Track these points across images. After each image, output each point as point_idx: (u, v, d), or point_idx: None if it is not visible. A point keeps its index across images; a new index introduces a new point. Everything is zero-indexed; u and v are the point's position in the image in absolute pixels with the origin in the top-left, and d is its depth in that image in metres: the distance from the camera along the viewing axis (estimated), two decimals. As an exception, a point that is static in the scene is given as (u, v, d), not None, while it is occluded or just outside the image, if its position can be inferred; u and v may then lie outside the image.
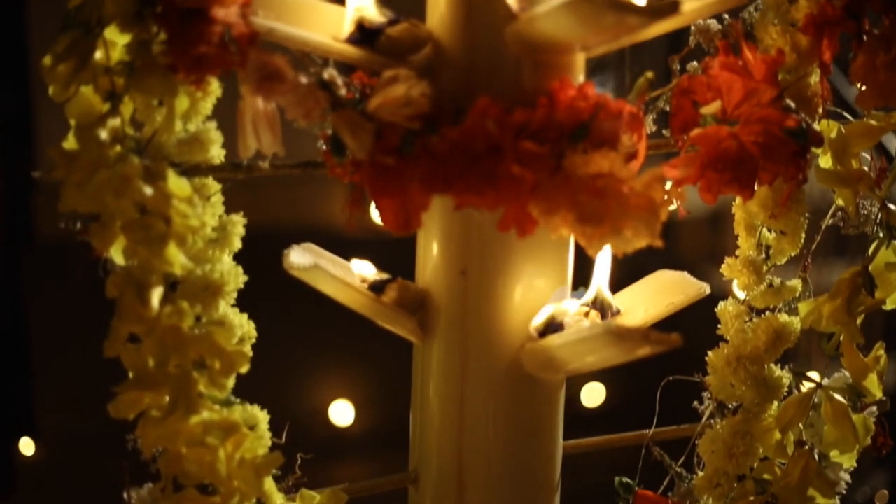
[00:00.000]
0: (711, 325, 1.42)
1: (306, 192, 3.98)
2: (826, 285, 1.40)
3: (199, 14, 1.13)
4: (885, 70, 1.26)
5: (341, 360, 3.92)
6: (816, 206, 1.40)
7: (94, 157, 1.16)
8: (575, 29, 1.12)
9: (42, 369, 4.20)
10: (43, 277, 4.12)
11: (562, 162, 1.13)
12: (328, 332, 3.34)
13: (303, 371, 4.00)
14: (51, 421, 4.18)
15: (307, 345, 3.84)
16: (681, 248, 4.34)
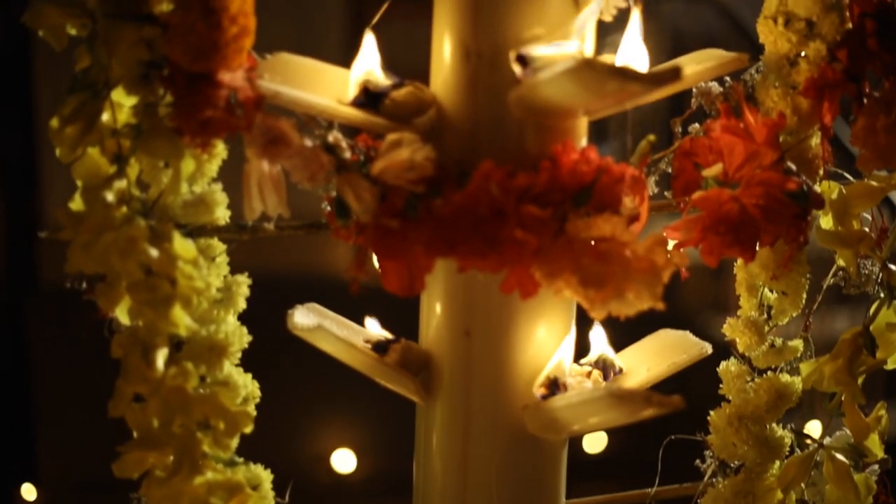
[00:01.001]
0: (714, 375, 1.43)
1: (311, 239, 3.99)
2: (828, 332, 1.41)
3: (206, 78, 1.15)
4: (885, 133, 1.27)
5: (343, 407, 3.92)
6: (818, 255, 1.40)
7: (101, 219, 1.17)
8: (578, 95, 1.13)
9: (45, 415, 4.20)
10: (46, 324, 4.12)
11: (564, 225, 1.14)
12: (331, 378, 3.34)
13: (305, 418, 4.00)
14: (53, 467, 4.17)
15: (309, 391, 3.84)
16: (683, 296, 4.34)
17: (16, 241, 4.47)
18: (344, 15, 4.65)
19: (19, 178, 4.42)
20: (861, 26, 1.29)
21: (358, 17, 4.67)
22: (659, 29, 4.82)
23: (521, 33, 1.18)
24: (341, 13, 4.63)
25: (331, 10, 4.62)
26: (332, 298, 1.35)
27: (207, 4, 1.13)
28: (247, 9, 1.15)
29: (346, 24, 4.62)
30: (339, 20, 4.63)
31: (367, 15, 3.83)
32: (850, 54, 1.29)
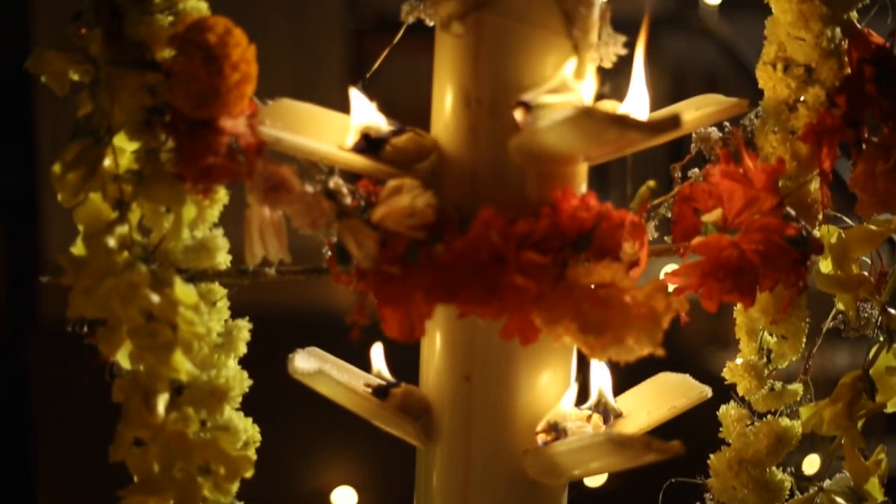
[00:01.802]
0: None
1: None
2: (829, 366, 1.41)
3: (208, 124, 1.15)
4: (884, 179, 1.28)
5: (344, 444, 3.92)
6: (817, 293, 1.40)
7: (102, 265, 1.18)
8: (578, 143, 1.14)
9: (45, 458, 4.20)
10: (46, 358, 4.12)
11: (565, 272, 1.15)
12: (331, 415, 3.34)
13: (305, 455, 4.00)
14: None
15: (310, 429, 3.84)
16: (684, 332, 4.34)
17: (17, 276, 4.48)
18: (344, 55, 4.67)
19: (20, 213, 4.43)
20: (859, 72, 1.30)
21: (358, 57, 4.69)
22: (661, 65, 4.84)
23: (521, 80, 1.18)
24: (342, 54, 4.65)
25: (331, 51, 4.64)
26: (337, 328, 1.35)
27: (209, 52, 1.14)
28: (248, 56, 1.16)
29: (346, 64, 4.64)
30: (340, 61, 4.65)
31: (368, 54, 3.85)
32: (849, 100, 1.30)
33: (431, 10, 1.22)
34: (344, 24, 4.68)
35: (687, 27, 5.19)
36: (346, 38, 4.67)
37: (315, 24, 4.57)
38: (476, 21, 1.18)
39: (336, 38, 4.62)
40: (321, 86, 4.49)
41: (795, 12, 1.29)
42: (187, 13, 1.20)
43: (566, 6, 1.18)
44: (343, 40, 4.66)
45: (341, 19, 4.67)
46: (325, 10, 4.59)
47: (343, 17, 4.68)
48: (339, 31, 4.62)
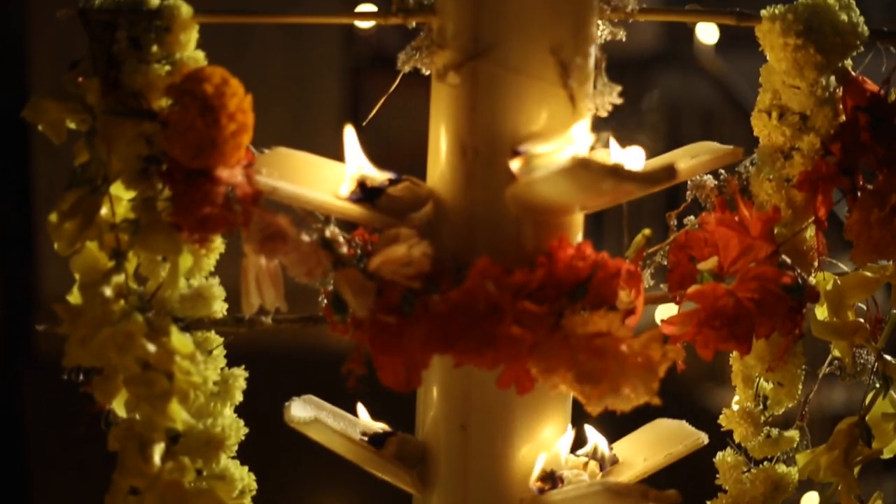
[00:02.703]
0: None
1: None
2: (826, 403, 1.41)
3: (204, 174, 1.16)
4: (879, 226, 1.28)
5: (340, 491, 3.92)
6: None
7: (98, 314, 1.18)
8: (574, 193, 1.14)
9: (41, 492, 4.19)
10: (42, 393, 4.12)
11: (561, 321, 1.15)
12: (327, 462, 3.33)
13: (303, 488, 3.99)
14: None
15: (307, 460, 3.83)
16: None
17: (12, 313, 4.48)
18: (341, 92, 4.68)
19: (16, 250, 4.43)
20: (854, 120, 1.30)
21: (355, 94, 4.70)
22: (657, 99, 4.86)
23: (517, 130, 1.19)
24: (338, 91, 4.67)
25: (328, 87, 4.65)
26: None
27: (206, 102, 1.14)
28: (245, 106, 1.16)
29: (343, 101, 4.65)
30: (336, 97, 4.66)
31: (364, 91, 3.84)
32: (844, 148, 1.30)
33: (427, 59, 1.22)
34: (341, 61, 4.69)
35: (682, 65, 5.21)
36: (342, 75, 4.68)
37: (312, 60, 4.59)
38: (472, 71, 1.19)
39: (333, 74, 4.63)
40: (318, 122, 4.50)
41: (790, 60, 1.29)
42: (184, 63, 1.21)
43: (562, 57, 1.18)
44: (340, 77, 4.67)
45: (338, 56, 4.68)
46: (321, 47, 4.60)
47: (340, 54, 4.69)
48: (336, 67, 4.63)
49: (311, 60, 4.59)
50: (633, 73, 4.82)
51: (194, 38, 1.22)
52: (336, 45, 4.60)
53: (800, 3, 1.30)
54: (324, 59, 4.63)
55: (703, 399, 4.38)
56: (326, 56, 4.65)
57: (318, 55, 4.60)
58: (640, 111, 4.35)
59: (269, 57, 4.49)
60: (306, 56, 4.58)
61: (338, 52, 4.68)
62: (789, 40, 1.28)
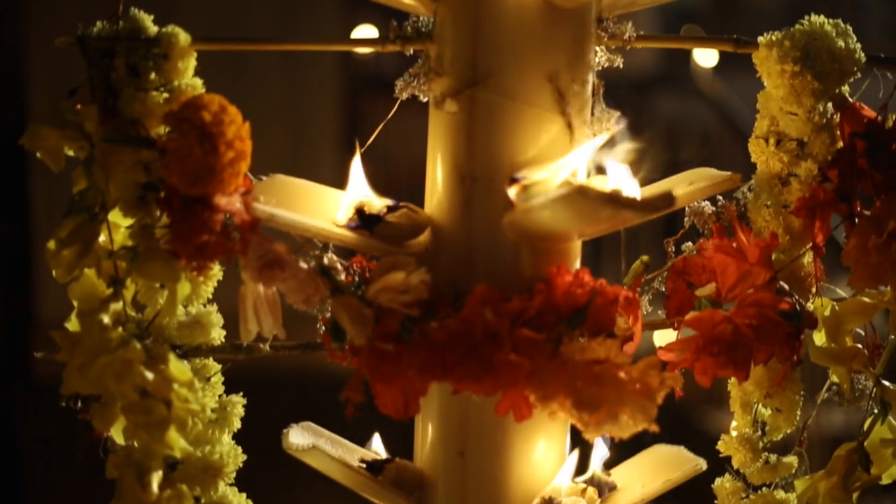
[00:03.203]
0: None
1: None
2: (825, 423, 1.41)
3: (202, 201, 1.16)
4: (876, 252, 1.28)
5: (342, 501, 3.91)
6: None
7: (96, 342, 1.18)
8: (571, 221, 1.14)
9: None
10: (39, 415, 4.11)
11: (559, 348, 1.15)
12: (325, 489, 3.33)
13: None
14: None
15: (305, 486, 3.83)
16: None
17: (9, 335, 4.47)
18: (338, 114, 4.68)
19: (13, 273, 4.43)
20: (851, 146, 1.30)
21: (353, 116, 4.70)
22: (654, 126, 4.87)
23: (514, 157, 1.19)
24: (336, 113, 4.67)
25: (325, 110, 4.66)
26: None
27: (204, 130, 1.14)
28: (243, 133, 1.16)
29: (340, 123, 4.65)
30: (334, 119, 4.66)
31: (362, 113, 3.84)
32: (841, 174, 1.30)
33: (425, 86, 1.22)
34: (339, 84, 4.70)
35: (680, 88, 5.21)
36: (340, 98, 4.69)
37: (310, 82, 4.59)
38: (469, 99, 1.19)
39: (331, 97, 4.64)
40: (316, 145, 4.51)
41: (787, 87, 1.29)
42: (182, 90, 1.21)
43: (559, 84, 1.19)
44: (338, 99, 4.68)
45: (336, 79, 4.69)
46: (319, 70, 4.61)
47: (338, 76, 4.70)
48: (334, 90, 4.64)
49: (309, 83, 4.59)
50: (631, 96, 4.83)
51: (192, 65, 1.23)
52: (334, 68, 4.61)
53: (797, 29, 1.31)
54: (322, 82, 4.64)
55: (702, 421, 4.38)
56: (324, 78, 4.66)
57: (316, 78, 4.61)
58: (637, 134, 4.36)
59: (266, 79, 4.50)
60: (304, 78, 4.59)
61: (336, 75, 4.69)
62: (786, 67, 1.29)
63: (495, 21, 1.18)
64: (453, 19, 1.20)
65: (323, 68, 4.61)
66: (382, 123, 1.29)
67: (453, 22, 1.20)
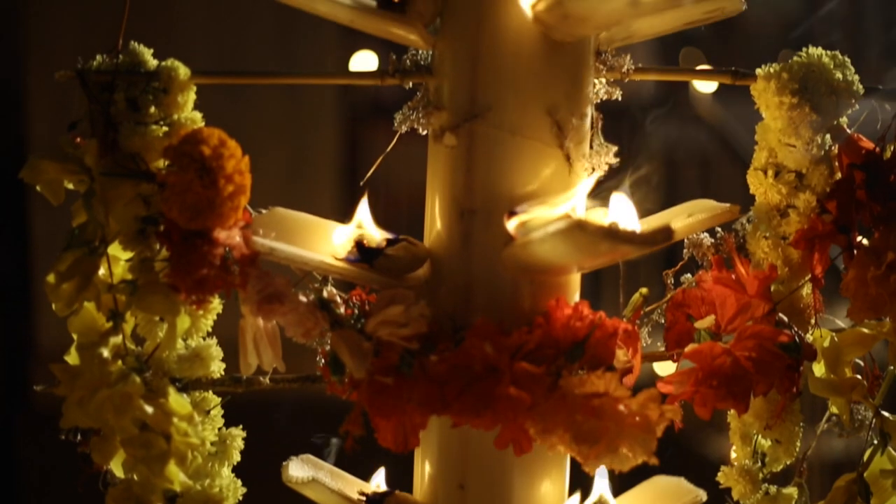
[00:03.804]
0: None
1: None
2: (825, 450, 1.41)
3: (202, 235, 1.16)
4: (875, 284, 1.28)
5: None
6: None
7: (96, 375, 1.18)
8: (570, 255, 1.14)
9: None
10: (38, 442, 4.10)
11: (558, 381, 1.15)
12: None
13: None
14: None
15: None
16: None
17: (9, 360, 4.46)
18: (337, 141, 4.68)
19: (13, 299, 4.42)
20: (850, 177, 1.30)
21: (352, 143, 4.70)
22: (652, 148, 4.86)
23: (514, 190, 1.19)
24: (335, 140, 4.67)
25: (324, 137, 4.66)
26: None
27: (204, 164, 1.14)
28: (242, 167, 1.16)
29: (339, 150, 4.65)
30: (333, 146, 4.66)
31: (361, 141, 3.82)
32: (840, 205, 1.30)
33: (424, 119, 1.23)
34: (338, 110, 4.70)
35: (679, 112, 5.21)
36: (339, 124, 4.69)
37: (309, 108, 4.59)
38: (468, 132, 1.19)
39: (330, 123, 4.64)
40: (315, 171, 4.51)
41: (786, 119, 1.30)
42: (181, 124, 1.21)
43: (558, 117, 1.19)
44: (337, 126, 4.68)
45: (335, 105, 4.69)
46: (318, 96, 4.61)
47: (337, 102, 4.70)
48: (333, 116, 4.64)
49: (308, 107, 4.59)
50: (629, 120, 4.83)
51: (192, 98, 1.23)
52: (333, 94, 4.61)
53: (794, 61, 1.31)
54: (321, 107, 4.63)
55: (702, 447, 4.37)
56: (323, 105, 4.66)
57: (314, 104, 4.60)
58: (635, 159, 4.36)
59: (265, 103, 4.50)
60: (303, 104, 4.59)
61: (335, 100, 4.69)
62: (784, 99, 1.29)
63: (494, 55, 1.18)
64: (452, 53, 1.20)
65: (322, 93, 4.61)
66: (382, 156, 1.30)
67: (452, 56, 1.20)
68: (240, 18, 4.27)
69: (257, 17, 4.35)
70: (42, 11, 3.91)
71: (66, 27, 3.80)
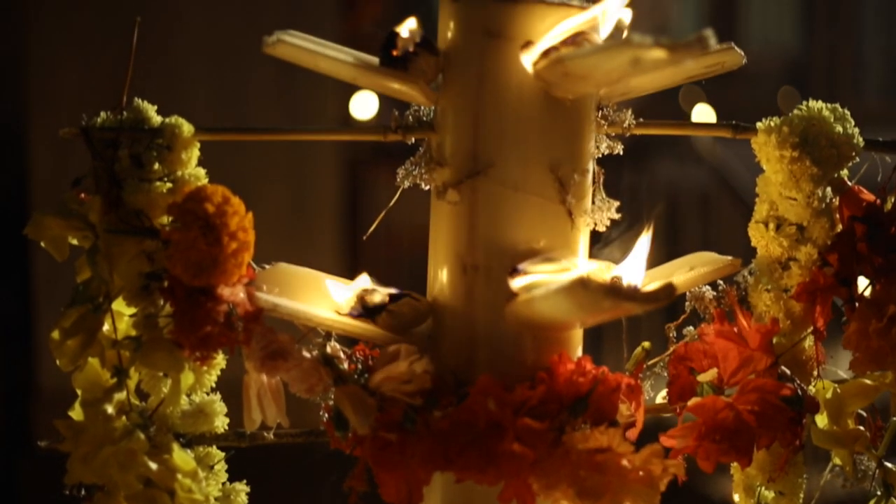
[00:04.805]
0: None
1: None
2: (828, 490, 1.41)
3: (206, 292, 1.16)
4: (877, 337, 1.28)
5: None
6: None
7: (100, 432, 1.18)
8: (573, 312, 1.15)
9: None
10: (39, 486, 4.09)
11: (562, 437, 1.16)
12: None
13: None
14: None
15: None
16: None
17: (10, 401, 4.46)
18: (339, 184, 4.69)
19: (14, 340, 4.43)
20: (851, 230, 1.31)
21: (353, 186, 4.71)
22: (654, 187, 4.88)
23: (516, 246, 1.20)
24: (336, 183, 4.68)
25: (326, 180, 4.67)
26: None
27: (207, 221, 1.15)
28: (246, 224, 1.17)
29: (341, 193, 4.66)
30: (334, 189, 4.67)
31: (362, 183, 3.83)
32: (841, 258, 1.30)
33: (427, 175, 1.23)
34: (339, 153, 4.71)
35: (679, 152, 5.23)
36: (341, 167, 4.70)
37: (310, 151, 4.61)
38: (471, 188, 1.20)
39: (331, 166, 4.65)
40: (316, 214, 4.52)
41: (786, 172, 1.30)
42: (185, 180, 1.21)
43: (560, 173, 1.20)
44: (338, 169, 4.69)
45: (337, 147, 4.70)
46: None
47: (338, 145, 4.71)
48: (335, 159, 4.66)
49: (310, 151, 4.61)
50: (630, 160, 4.84)
51: (195, 155, 1.24)
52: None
53: (794, 115, 1.32)
54: (322, 150, 4.65)
55: (706, 486, 4.36)
56: (325, 147, 4.67)
57: (316, 146, 4.62)
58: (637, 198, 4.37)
59: (267, 147, 4.51)
60: (305, 147, 4.60)
61: (336, 144, 4.70)
62: (785, 152, 1.30)
63: (496, 112, 1.19)
64: (454, 110, 1.21)
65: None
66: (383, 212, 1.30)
67: (454, 112, 1.21)
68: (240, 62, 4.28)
69: (258, 61, 4.37)
70: (45, 60, 3.93)
71: (69, 74, 3.81)
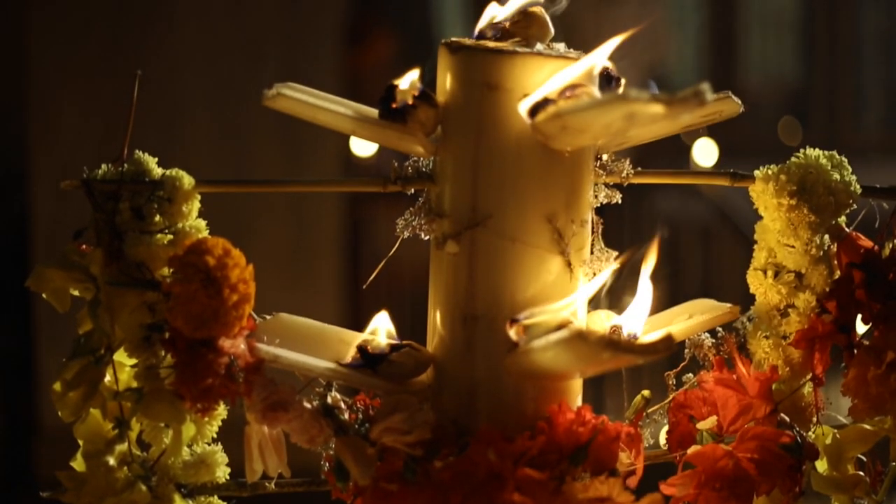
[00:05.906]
0: None
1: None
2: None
3: (207, 344, 1.17)
4: (876, 384, 1.28)
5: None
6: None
7: (102, 483, 1.19)
8: (572, 363, 1.15)
9: None
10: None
11: (562, 486, 1.16)
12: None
13: None
14: None
15: None
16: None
17: (11, 438, 4.46)
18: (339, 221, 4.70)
19: (16, 375, 4.43)
20: (849, 277, 1.31)
21: (353, 222, 4.72)
22: (653, 222, 4.88)
23: (516, 297, 1.20)
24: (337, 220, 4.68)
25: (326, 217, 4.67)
26: None
27: (208, 274, 1.15)
28: (246, 276, 1.17)
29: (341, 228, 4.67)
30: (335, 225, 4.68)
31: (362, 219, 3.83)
32: (840, 305, 1.31)
33: (426, 226, 1.24)
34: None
35: (679, 186, 5.23)
36: (341, 202, 4.71)
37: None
38: (470, 240, 1.20)
39: (332, 201, 4.66)
40: (316, 248, 4.53)
41: (784, 220, 1.31)
42: (186, 232, 1.22)
43: (558, 224, 1.20)
44: (339, 204, 4.70)
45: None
46: (320, 172, 4.63)
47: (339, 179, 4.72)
48: (334, 195, 4.67)
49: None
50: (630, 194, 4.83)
51: (196, 207, 1.24)
52: (335, 172, 4.63)
53: (792, 163, 1.32)
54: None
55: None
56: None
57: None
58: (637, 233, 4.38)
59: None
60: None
61: (336, 176, 4.71)
62: (783, 200, 1.30)
63: (494, 164, 1.19)
64: (453, 161, 1.22)
65: (323, 171, 4.63)
66: (384, 261, 1.31)
67: (453, 164, 1.22)
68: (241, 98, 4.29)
69: (259, 103, 4.40)
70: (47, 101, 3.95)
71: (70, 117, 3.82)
